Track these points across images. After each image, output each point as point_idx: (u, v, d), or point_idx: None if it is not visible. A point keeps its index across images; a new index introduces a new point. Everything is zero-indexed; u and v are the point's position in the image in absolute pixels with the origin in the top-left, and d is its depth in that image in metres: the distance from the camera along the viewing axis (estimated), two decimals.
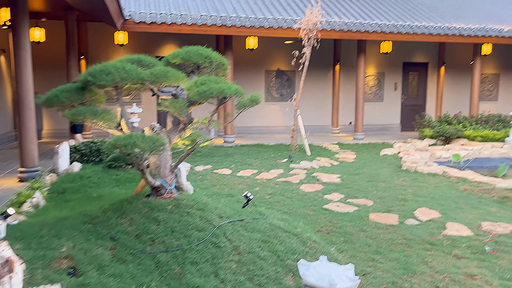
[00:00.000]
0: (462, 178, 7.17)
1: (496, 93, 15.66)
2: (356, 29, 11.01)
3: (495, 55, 15.10)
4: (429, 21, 11.98)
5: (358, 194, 6.25)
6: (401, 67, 14.76)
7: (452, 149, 10.43)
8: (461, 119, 12.66)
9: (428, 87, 15.13)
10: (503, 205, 5.62)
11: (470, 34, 11.80)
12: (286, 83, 13.72)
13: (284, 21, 10.57)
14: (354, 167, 8.45)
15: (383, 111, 14.77)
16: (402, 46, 14.15)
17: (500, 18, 13.08)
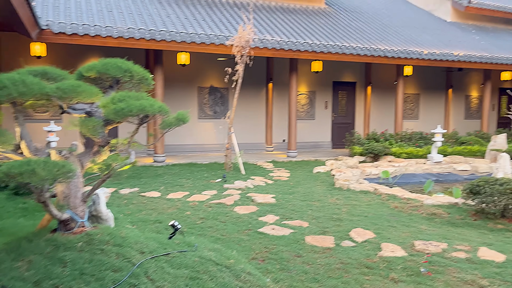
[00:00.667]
0: (392, 195, 7.30)
1: (417, 112, 16.64)
2: (288, 47, 11.10)
3: (415, 76, 16.09)
4: (357, 42, 12.44)
5: (293, 214, 6.07)
6: (331, 86, 15.18)
7: (381, 166, 10.76)
8: (388, 137, 13.21)
9: (357, 105, 15.69)
10: (432, 222, 5.73)
11: (393, 55, 12.42)
12: (220, 100, 13.46)
13: (217, 37, 10.35)
14: (289, 185, 8.33)
15: (315, 128, 15.02)
16: (332, 66, 14.57)
17: (419, 42, 13.97)
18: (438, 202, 6.45)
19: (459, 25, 17.20)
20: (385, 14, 16.45)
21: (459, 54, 13.37)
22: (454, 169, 11.10)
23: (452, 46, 14.25)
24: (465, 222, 5.60)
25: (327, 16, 14.38)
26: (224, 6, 12.88)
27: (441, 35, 15.35)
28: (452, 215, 5.90)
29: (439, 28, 16.22)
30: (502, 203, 5.36)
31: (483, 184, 5.65)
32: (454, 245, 4.69)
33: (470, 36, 16.02)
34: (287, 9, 14.04)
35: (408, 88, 16.23)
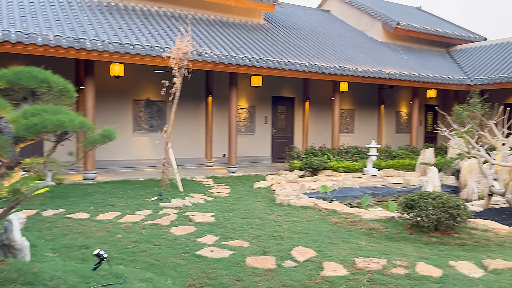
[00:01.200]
0: (332, 210, 7.31)
1: (352, 126, 17.21)
2: (228, 61, 10.96)
3: (350, 93, 16.67)
4: (295, 58, 12.62)
5: (234, 234, 5.82)
6: (270, 101, 15.26)
7: (320, 180, 10.87)
8: (325, 151, 13.45)
9: (295, 120, 15.89)
10: (371, 237, 5.76)
11: (330, 72, 12.75)
12: (157, 113, 12.96)
13: (153, 49, 9.96)
14: (229, 202, 8.07)
15: (255, 143, 14.96)
16: (271, 81, 14.67)
17: (354, 59, 14.51)
18: (376, 216, 6.54)
19: (389, 45, 18.17)
20: (322, 32, 16.97)
21: (390, 72, 14.05)
22: (388, 182, 11.51)
23: (383, 64, 14.96)
24: (402, 236, 5.69)
25: (266, 32, 14.51)
26: (161, 17, 12.51)
27: (373, 53, 16.09)
28: (390, 229, 5.99)
29: (371, 47, 17.00)
30: (435, 217, 5.52)
31: (417, 198, 5.79)
32: (393, 260, 4.70)
33: (399, 56, 16.96)
34: (226, 23, 13.96)
35: (344, 103, 16.76)
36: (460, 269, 4.43)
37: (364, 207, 7.91)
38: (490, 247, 5.26)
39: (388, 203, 7.58)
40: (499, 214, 6.93)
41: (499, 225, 5.93)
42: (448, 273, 4.32)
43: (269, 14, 16.43)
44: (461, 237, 5.57)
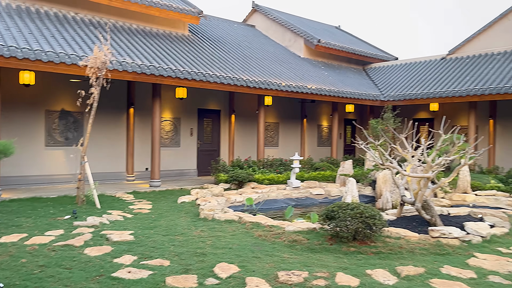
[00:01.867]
0: (256, 223, 7.30)
1: (277, 139, 17.57)
2: (151, 72, 10.63)
3: (275, 106, 17.05)
4: (220, 71, 12.61)
5: (154, 252, 5.54)
6: (196, 113, 15.07)
7: (245, 193, 10.87)
8: (251, 164, 13.54)
9: (221, 133, 15.85)
10: (293, 249, 5.82)
11: (255, 86, 12.92)
12: (73, 125, 12.15)
13: (68, 57, 9.34)
14: (150, 219, 7.73)
15: (180, 156, 14.64)
16: (196, 93, 14.51)
17: (278, 74, 14.87)
18: (298, 228, 6.64)
19: (310, 61, 18.96)
20: (247, 46, 17.22)
21: (312, 87, 14.61)
22: (310, 193, 11.84)
23: (305, 79, 15.53)
24: (323, 247, 5.82)
25: (191, 44, 14.37)
26: (78, 24, 11.83)
27: (296, 69, 16.66)
28: (311, 240, 6.10)
29: (294, 62, 17.60)
30: (353, 227, 5.73)
31: (337, 209, 5.98)
32: (314, 272, 4.77)
33: (320, 72, 17.74)
34: (149, 33, 13.59)
35: (269, 117, 17.08)
36: (376, 277, 4.61)
37: (287, 219, 8.01)
38: (403, 254, 5.56)
39: (310, 214, 7.76)
40: (410, 222, 7.41)
41: (410, 233, 6.32)
42: (365, 282, 4.47)
43: (194, 26, 16.33)
44: (377, 245, 5.83)
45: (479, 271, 4.90)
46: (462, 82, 15.36)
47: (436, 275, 4.71)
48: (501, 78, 14.38)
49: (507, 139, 15.94)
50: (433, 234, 6.10)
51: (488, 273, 4.83)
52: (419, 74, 17.90)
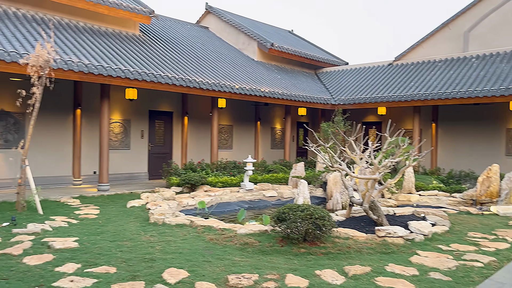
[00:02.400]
0: (208, 227, 7.22)
1: (231, 142, 17.54)
2: (98, 72, 10.25)
3: (229, 109, 17.02)
4: (172, 72, 12.40)
5: (100, 259, 5.32)
6: (147, 115, 14.73)
7: (198, 196, 10.73)
8: (204, 166, 13.41)
9: (174, 135, 15.58)
10: (245, 252, 5.80)
11: (208, 88, 12.82)
12: (13, 127, 11.47)
13: (7, 54, 8.80)
14: (97, 224, 7.43)
15: (131, 159, 14.23)
16: (148, 94, 14.19)
17: (231, 77, 14.86)
18: (250, 230, 6.64)
19: (264, 64, 19.11)
20: (200, 47, 17.06)
21: (265, 91, 14.72)
22: (263, 195, 11.90)
23: (259, 82, 15.63)
24: (274, 249, 5.84)
25: (142, 44, 14.02)
26: (19, 19, 11.19)
27: (250, 72, 16.73)
28: (263, 243, 6.11)
29: (247, 65, 17.66)
30: (304, 228, 5.80)
31: (287, 211, 6.04)
32: (264, 274, 4.77)
33: (273, 75, 17.92)
34: (98, 31, 13.12)
35: (222, 119, 17.02)
36: (325, 277, 4.69)
37: (240, 222, 7.99)
38: (351, 254, 5.70)
39: (263, 216, 7.78)
40: (358, 222, 7.63)
41: (358, 233, 6.50)
42: (314, 283, 4.53)
43: (145, 26, 15.97)
44: (326, 246, 5.94)
45: (421, 268, 5.12)
46: (407, 87, 16.10)
47: (381, 274, 4.87)
48: (442, 84, 15.21)
49: (447, 142, 16.89)
50: (379, 234, 6.31)
51: (430, 269, 5.06)
52: (368, 79, 18.57)
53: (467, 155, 16.36)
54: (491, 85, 13.82)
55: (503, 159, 15.45)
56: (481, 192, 10.85)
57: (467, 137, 16.45)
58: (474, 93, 13.72)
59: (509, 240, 6.68)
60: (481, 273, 4.96)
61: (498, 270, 5.08)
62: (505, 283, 4.53)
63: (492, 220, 8.36)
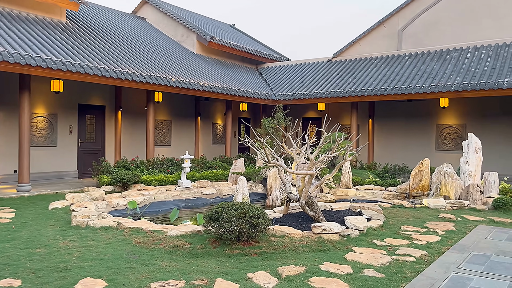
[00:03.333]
0: (137, 229, 6.69)
1: (169, 138, 16.86)
2: (15, 60, 9.25)
3: (167, 103, 16.33)
4: (102, 63, 11.56)
5: (4, 271, 4.65)
6: (76, 109, 13.69)
7: (130, 195, 10.08)
8: (139, 164, 12.70)
9: (107, 131, 14.65)
10: (174, 255, 5.37)
11: (142, 80, 12.11)
12: None
13: None
14: (9, 230, 6.63)
15: (57, 156, 13.16)
16: (77, 87, 13.20)
17: (168, 69, 14.20)
18: (182, 232, 6.21)
19: (204, 57, 18.58)
20: (135, 38, 16.19)
21: (204, 84, 14.23)
22: (202, 193, 11.47)
23: (198, 76, 15.11)
24: (206, 251, 5.47)
25: (69, 32, 12.98)
26: None
27: (188, 65, 16.14)
28: (194, 245, 5.72)
29: (186, 58, 17.05)
30: (237, 228, 5.49)
31: (220, 210, 5.68)
32: (192, 280, 4.39)
33: (213, 69, 17.47)
34: (17, 17, 11.92)
35: (160, 114, 16.31)
36: (257, 280, 4.40)
37: (172, 223, 7.52)
38: (286, 253, 5.47)
39: (196, 216, 7.36)
40: (296, 218, 7.46)
41: (294, 230, 6.30)
42: (245, 287, 4.22)
43: (73, 13, 14.84)
44: (261, 245, 5.67)
45: (355, 265, 4.99)
46: (346, 83, 16.35)
47: (315, 273, 4.66)
48: (378, 81, 15.61)
49: (383, 137, 17.42)
50: (315, 231, 6.15)
51: (364, 266, 4.94)
52: (308, 75, 18.68)
53: (401, 150, 16.97)
54: (423, 82, 14.37)
55: (433, 154, 16.19)
56: (414, 185, 11.18)
57: (401, 133, 17.06)
58: (407, 89, 14.18)
59: (439, 232, 6.81)
60: (414, 268, 4.93)
61: (430, 264, 5.08)
62: (436, 278, 4.50)
63: (424, 213, 8.57)
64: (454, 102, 15.75)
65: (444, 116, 16.17)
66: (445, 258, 5.30)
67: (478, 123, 15.44)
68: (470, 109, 15.66)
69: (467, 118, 15.72)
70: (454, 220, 7.93)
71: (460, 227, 7.32)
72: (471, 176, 10.20)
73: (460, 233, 6.83)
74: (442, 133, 16.18)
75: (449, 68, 14.92)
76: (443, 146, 16.15)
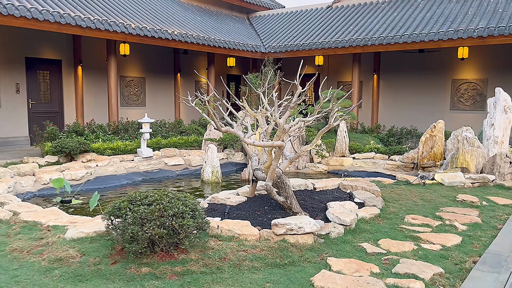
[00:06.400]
0: (33, 223, 4.79)
1: (143, 98, 14.78)
2: None
3: (139, 57, 14.15)
4: (53, 8, 9.31)
5: None
6: (23, 63, 11.58)
7: (71, 168, 8.18)
8: (96, 128, 10.71)
9: (65, 90, 12.58)
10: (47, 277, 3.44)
11: (90, 26, 9.87)
12: None
13: None
14: None
15: (3, 120, 11.21)
16: (24, 37, 11.03)
17: (133, 14, 11.88)
18: (82, 233, 4.28)
19: (182, 4, 16.11)
20: None
21: (174, 32, 11.94)
22: (165, 164, 9.55)
23: (170, 23, 12.78)
24: (97, 270, 3.54)
25: None
26: None
27: (160, 11, 13.75)
28: (88, 256, 3.80)
29: (160, 3, 14.62)
30: (148, 234, 3.53)
31: (125, 205, 3.71)
32: None
33: (192, 16, 15.06)
34: None
35: (131, 70, 14.17)
36: None
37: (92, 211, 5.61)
38: (223, 272, 3.53)
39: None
40: (262, 205, 5.50)
41: (248, 229, 4.35)
42: None
43: None
44: (188, 258, 3.73)
45: None
46: (346, 32, 13.93)
47: None
48: (384, 28, 13.17)
49: (389, 95, 15.15)
50: (277, 231, 4.18)
51: None
52: (305, 24, 16.19)
53: (410, 110, 14.75)
54: (438, 27, 11.92)
55: (448, 114, 13.97)
56: (424, 153, 9.11)
57: (410, 90, 14.77)
58: (419, 36, 11.78)
59: (459, 227, 4.82)
60: None
61: None
62: None
63: (436, 193, 6.56)
64: (474, 53, 13.33)
65: (462, 69, 13.80)
66: (472, 285, 3.32)
67: (503, 78, 13.08)
68: (494, 61, 13.25)
69: (489, 72, 13.35)
70: (477, 205, 5.91)
71: (488, 217, 5.31)
72: (497, 143, 8.08)
73: (488, 228, 4.83)
74: (459, 90, 13.88)
75: (471, 10, 12.38)
76: (460, 105, 13.89)
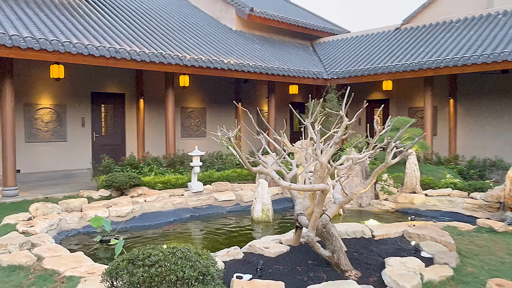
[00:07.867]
0: (51, 272, 4.46)
1: (204, 128, 14.67)
2: None
3: (200, 88, 14.15)
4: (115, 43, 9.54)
5: None
6: (89, 98, 12.01)
7: (119, 204, 7.99)
8: (150, 161, 10.63)
9: (127, 123, 12.83)
10: None
11: (144, 59, 9.88)
12: None
13: None
14: None
15: (67, 153, 11.61)
16: (89, 73, 11.50)
17: (191, 47, 11.88)
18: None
19: (243, 34, 16.00)
20: (162, 16, 14.11)
21: (230, 62, 11.68)
22: (215, 199, 9.05)
23: (227, 54, 12.60)
24: None
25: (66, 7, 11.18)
26: None
27: (219, 42, 13.65)
28: None
29: (220, 36, 14.59)
30: None
31: (124, 266, 3.16)
32: None
33: (252, 46, 14.82)
34: None
35: (190, 101, 14.20)
36: None
37: None
38: None
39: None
40: (305, 258, 4.69)
41: None
42: None
43: None
44: None
45: None
46: (416, 54, 12.74)
47: None
48: (459, 48, 11.81)
49: (469, 121, 13.49)
50: None
51: None
52: (370, 48, 15.23)
53: (494, 138, 12.96)
54: None
55: None
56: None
57: (493, 115, 13.01)
58: (500, 56, 10.30)
59: None
60: None
61: None
62: None
63: None
64: None
65: None
66: None
67: None
68: None
69: None
70: None
71: None
72: None
73: None
74: None
75: None
76: None
